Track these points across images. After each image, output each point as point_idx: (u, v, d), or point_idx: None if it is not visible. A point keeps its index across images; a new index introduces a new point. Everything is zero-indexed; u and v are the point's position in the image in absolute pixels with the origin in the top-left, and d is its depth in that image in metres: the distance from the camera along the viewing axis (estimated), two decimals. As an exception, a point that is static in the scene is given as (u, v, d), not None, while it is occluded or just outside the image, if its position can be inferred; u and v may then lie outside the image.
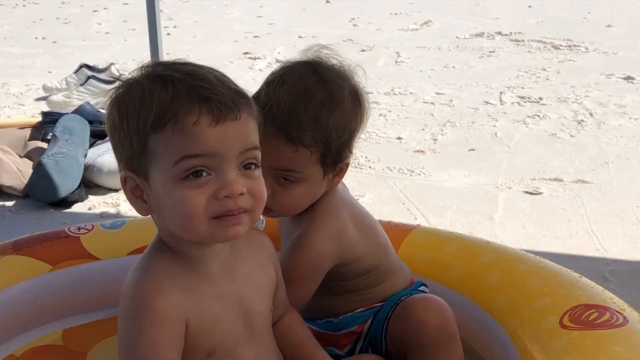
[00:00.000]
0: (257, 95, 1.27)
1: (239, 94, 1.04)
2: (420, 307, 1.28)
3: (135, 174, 1.04)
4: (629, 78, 4.17)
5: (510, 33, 5.52)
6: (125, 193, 1.07)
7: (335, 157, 1.29)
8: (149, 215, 1.09)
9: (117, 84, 1.07)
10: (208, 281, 1.09)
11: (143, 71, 1.05)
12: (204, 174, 1.00)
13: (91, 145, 2.99)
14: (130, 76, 1.06)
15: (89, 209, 2.68)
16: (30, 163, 2.90)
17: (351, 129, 1.29)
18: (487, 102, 3.87)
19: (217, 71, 1.06)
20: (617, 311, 1.22)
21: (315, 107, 1.24)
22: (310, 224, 1.30)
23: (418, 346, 1.26)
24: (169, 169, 0.99)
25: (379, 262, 1.39)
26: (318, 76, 1.27)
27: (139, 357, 1.03)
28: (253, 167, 1.04)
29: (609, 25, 5.64)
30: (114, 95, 1.05)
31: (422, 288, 1.46)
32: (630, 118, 3.48)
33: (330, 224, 1.31)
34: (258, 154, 1.05)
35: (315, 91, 1.25)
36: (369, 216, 1.43)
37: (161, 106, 0.99)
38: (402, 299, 1.36)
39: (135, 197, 1.06)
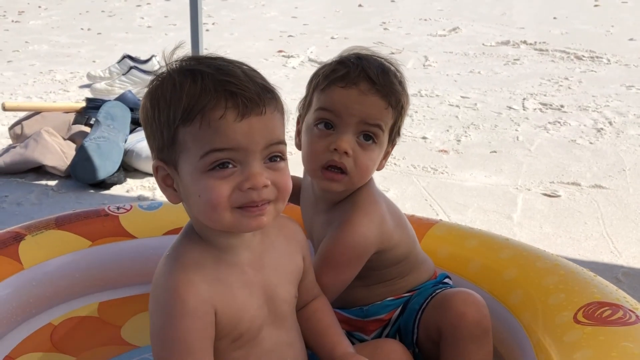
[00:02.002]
0: (333, 65, 1.32)
1: (265, 88, 1.03)
2: (460, 299, 1.28)
3: (166, 163, 1.05)
4: (648, 90, 4.12)
5: (535, 42, 5.46)
6: (157, 181, 1.08)
7: (396, 131, 1.34)
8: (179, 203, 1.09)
9: (154, 75, 1.07)
10: (236, 270, 1.09)
11: (176, 65, 1.05)
12: (230, 165, 1.00)
13: (131, 132, 3.02)
14: (164, 69, 1.06)
15: (127, 191, 2.71)
16: (73, 145, 2.94)
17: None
18: (510, 107, 3.84)
19: (246, 66, 1.06)
20: (629, 309, 1.20)
21: (401, 75, 1.33)
22: (355, 210, 1.31)
23: (454, 337, 1.26)
24: (197, 161, 1.00)
25: (409, 251, 1.40)
26: (391, 63, 1.35)
27: (172, 349, 1.03)
28: (278, 159, 1.04)
29: (631, 39, 5.56)
30: (148, 88, 1.07)
31: (446, 280, 1.46)
32: (648, 128, 3.44)
33: (373, 211, 1.32)
34: (283, 148, 1.05)
35: (397, 66, 1.34)
36: (398, 208, 1.44)
37: (190, 100, 1.00)
38: (438, 291, 1.37)
39: (166, 185, 1.07)
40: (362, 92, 1.26)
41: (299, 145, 1.36)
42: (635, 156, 3.07)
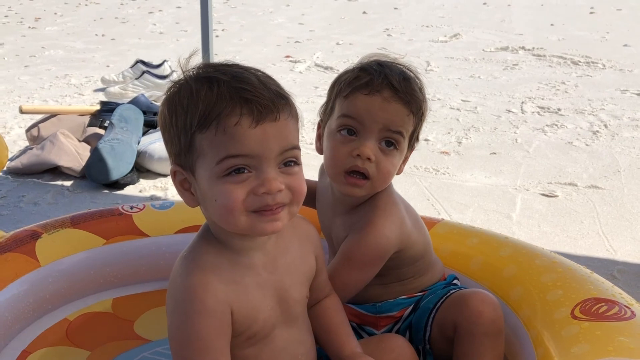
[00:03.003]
0: (356, 72, 1.31)
1: (280, 95, 1.02)
2: (478, 299, 1.27)
3: (183, 168, 1.04)
4: (643, 94, 4.11)
5: (533, 48, 5.45)
6: (175, 185, 1.08)
7: (415, 137, 1.35)
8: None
9: (170, 83, 1.07)
10: (251, 272, 1.09)
11: (193, 72, 1.05)
12: (245, 171, 1.00)
13: (144, 134, 3.03)
14: (181, 76, 1.05)
15: (140, 191, 2.72)
16: (88, 147, 2.95)
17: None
18: (509, 111, 3.84)
19: (261, 72, 1.05)
20: (625, 305, 1.20)
21: (421, 82, 1.33)
22: (377, 213, 1.31)
23: (471, 333, 1.25)
24: (213, 166, 1.00)
25: (425, 251, 1.41)
26: (411, 70, 1.34)
27: (191, 347, 1.03)
28: (293, 164, 1.03)
29: (625, 45, 5.54)
30: (166, 95, 1.06)
31: (455, 281, 1.46)
32: (643, 131, 3.43)
33: (394, 213, 1.32)
34: (297, 153, 1.04)
35: (416, 74, 1.34)
36: (414, 209, 1.44)
37: (206, 106, 0.99)
38: (453, 291, 1.37)
39: (184, 189, 1.06)
40: (385, 99, 1.25)
41: (319, 150, 1.36)
42: (630, 158, 3.06)
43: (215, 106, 0.99)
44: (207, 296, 1.03)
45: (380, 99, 1.26)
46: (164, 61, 4.19)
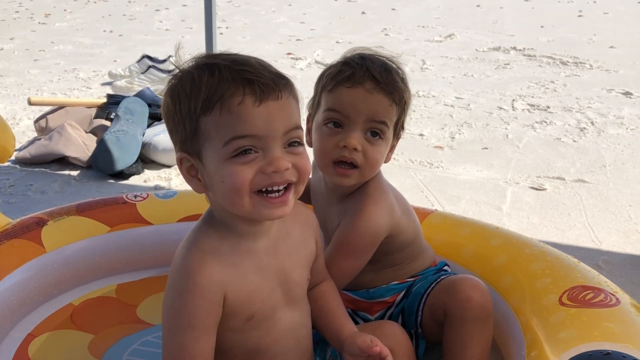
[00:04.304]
0: (339, 66, 1.29)
1: (279, 76, 1.02)
2: (468, 285, 1.27)
3: (190, 154, 1.03)
4: (627, 93, 4.09)
5: (524, 49, 5.43)
6: (182, 172, 1.06)
7: (400, 126, 1.33)
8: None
9: (171, 75, 1.06)
10: (251, 256, 1.08)
11: (192, 62, 1.04)
12: (252, 151, 0.98)
13: (149, 126, 3.00)
14: (182, 67, 1.04)
15: (144, 181, 2.70)
16: (95, 138, 2.93)
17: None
18: (500, 108, 3.82)
19: (259, 59, 1.04)
20: (610, 293, 1.19)
21: (403, 73, 1.32)
22: (368, 200, 1.30)
23: (461, 318, 1.25)
24: (220, 148, 0.98)
25: (415, 237, 1.40)
26: (393, 61, 1.33)
27: (176, 321, 1.03)
28: (297, 144, 1.02)
29: (612, 47, 5.53)
30: (168, 86, 1.05)
31: (445, 268, 1.45)
32: (627, 128, 3.42)
33: (383, 200, 1.32)
34: (300, 133, 1.03)
35: (398, 65, 1.33)
36: (403, 197, 1.43)
37: (209, 90, 0.98)
38: (443, 277, 1.36)
39: (191, 176, 1.05)
40: (367, 91, 1.25)
41: (309, 143, 1.35)
42: (615, 153, 3.05)
43: (218, 88, 0.98)
44: (201, 276, 1.02)
45: (363, 91, 1.25)
46: (169, 56, 4.16)
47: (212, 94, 0.98)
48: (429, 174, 2.80)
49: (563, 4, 7.99)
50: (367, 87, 1.25)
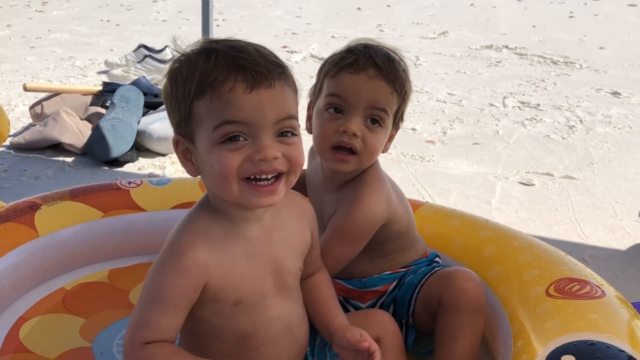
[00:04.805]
0: (342, 53, 1.28)
1: (275, 64, 0.99)
2: (463, 277, 1.27)
3: (184, 137, 1.02)
4: (615, 93, 4.10)
5: (516, 47, 5.43)
6: (177, 155, 1.05)
7: (400, 116, 1.32)
8: (196, 177, 1.07)
9: (174, 58, 1.05)
10: (243, 242, 1.06)
11: (195, 46, 1.03)
12: (241, 138, 0.97)
13: (144, 114, 2.98)
14: (184, 51, 1.03)
15: (139, 169, 2.68)
16: (90, 125, 2.90)
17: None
18: (491, 105, 3.82)
19: (261, 46, 1.02)
20: (596, 285, 1.20)
21: (405, 64, 1.31)
22: (365, 188, 1.30)
23: (455, 308, 1.25)
24: (210, 133, 0.97)
25: (409, 227, 1.40)
26: (395, 53, 1.32)
27: (153, 294, 1.02)
28: (289, 134, 1.00)
29: (601, 47, 5.54)
30: (169, 69, 1.04)
31: (437, 259, 1.45)
32: (614, 127, 3.43)
33: (380, 188, 1.31)
34: (294, 123, 1.01)
35: (401, 56, 1.31)
36: (398, 186, 1.43)
37: (202, 74, 0.97)
38: (437, 268, 1.36)
39: (186, 159, 1.04)
40: (369, 77, 1.24)
41: (309, 129, 1.34)
42: (602, 151, 3.06)
43: (211, 73, 0.97)
44: (185, 257, 1.01)
45: (365, 77, 1.24)
46: (166, 47, 4.13)
47: (205, 79, 0.97)
48: (420, 167, 2.80)
49: (555, 4, 8.00)
50: (369, 74, 1.24)
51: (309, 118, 1.35)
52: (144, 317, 1.02)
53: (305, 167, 1.44)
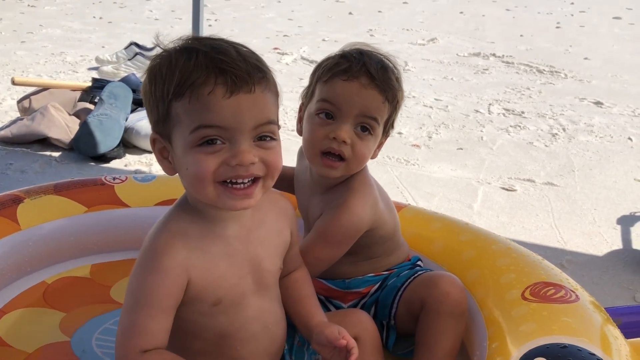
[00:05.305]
0: (336, 58, 1.27)
1: (257, 68, 0.97)
2: (446, 281, 1.28)
3: (161, 136, 1.00)
4: (598, 103, 4.14)
5: (503, 55, 5.47)
6: (154, 153, 1.04)
7: (390, 124, 1.32)
8: (176, 175, 1.05)
9: (156, 54, 1.02)
10: (221, 242, 1.05)
11: (177, 44, 1.00)
12: (218, 142, 0.95)
13: (132, 111, 2.97)
14: (166, 47, 1.01)
15: (125, 165, 2.66)
16: (78, 121, 2.88)
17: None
18: (477, 111, 3.84)
19: (245, 48, 1.00)
20: (571, 290, 1.20)
21: (398, 72, 1.30)
22: (352, 193, 1.29)
23: (436, 311, 1.25)
24: (187, 135, 0.95)
25: (394, 232, 1.40)
26: (389, 60, 1.31)
27: (139, 299, 1.00)
28: (269, 139, 0.98)
29: (586, 58, 5.59)
30: (149, 64, 1.01)
31: (419, 263, 1.44)
32: (596, 136, 3.46)
33: (368, 194, 1.31)
34: (273, 128, 0.99)
35: (395, 64, 1.30)
36: (386, 192, 1.42)
37: (182, 75, 0.95)
38: (420, 272, 1.36)
39: (163, 157, 1.02)
40: (362, 85, 1.23)
41: (300, 132, 1.33)
42: (584, 159, 3.08)
43: (191, 75, 0.94)
44: (166, 257, 1.00)
45: (358, 85, 1.23)
46: (157, 45, 4.10)
47: (185, 80, 0.94)
48: (405, 170, 2.80)
49: (542, 15, 8.07)
50: (362, 82, 1.23)
51: (299, 120, 1.34)
52: (134, 324, 1.00)
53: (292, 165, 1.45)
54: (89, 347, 1.35)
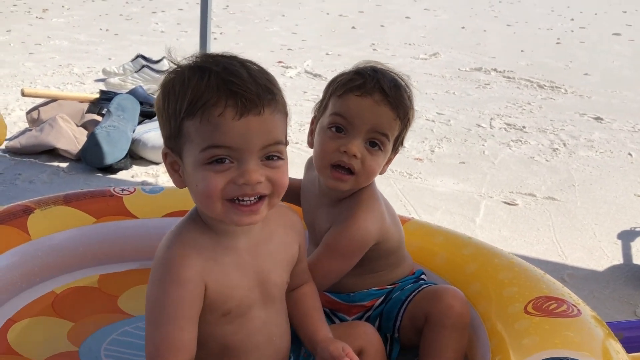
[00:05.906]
0: (351, 74, 1.29)
1: (267, 90, 0.99)
2: (450, 294, 1.29)
3: (173, 151, 1.03)
4: (598, 118, 4.16)
5: (504, 70, 5.49)
6: (165, 166, 1.06)
7: (400, 141, 1.33)
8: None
9: (170, 69, 1.04)
10: (232, 253, 1.07)
11: (190, 61, 1.02)
12: (227, 161, 0.97)
13: (139, 123, 2.99)
14: (181, 63, 1.03)
15: (132, 176, 2.68)
16: (85, 132, 2.90)
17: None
18: (479, 125, 3.86)
19: (257, 66, 1.02)
20: (572, 304, 1.21)
21: (410, 91, 1.32)
22: (360, 207, 1.30)
23: (440, 325, 1.26)
24: (197, 153, 0.98)
25: (399, 246, 1.41)
26: (402, 79, 1.33)
27: (160, 313, 1.01)
28: (276, 158, 1.00)
29: (586, 74, 5.62)
30: (164, 79, 1.04)
31: (422, 276, 1.46)
32: (596, 151, 3.47)
33: (376, 208, 1.32)
34: (281, 148, 1.01)
35: (407, 83, 1.32)
36: (392, 206, 1.44)
37: (194, 95, 0.97)
38: (424, 286, 1.37)
39: (173, 170, 1.05)
40: (375, 102, 1.25)
41: (311, 144, 1.35)
42: (584, 174, 3.10)
43: (203, 95, 0.97)
44: (183, 268, 1.01)
45: (371, 101, 1.25)
46: (163, 57, 4.14)
47: (197, 100, 0.97)
48: (407, 184, 2.82)
49: (543, 30, 8.11)
50: (375, 98, 1.25)
51: (311, 132, 1.36)
52: (168, 338, 1.00)
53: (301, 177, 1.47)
54: (97, 358, 1.36)
